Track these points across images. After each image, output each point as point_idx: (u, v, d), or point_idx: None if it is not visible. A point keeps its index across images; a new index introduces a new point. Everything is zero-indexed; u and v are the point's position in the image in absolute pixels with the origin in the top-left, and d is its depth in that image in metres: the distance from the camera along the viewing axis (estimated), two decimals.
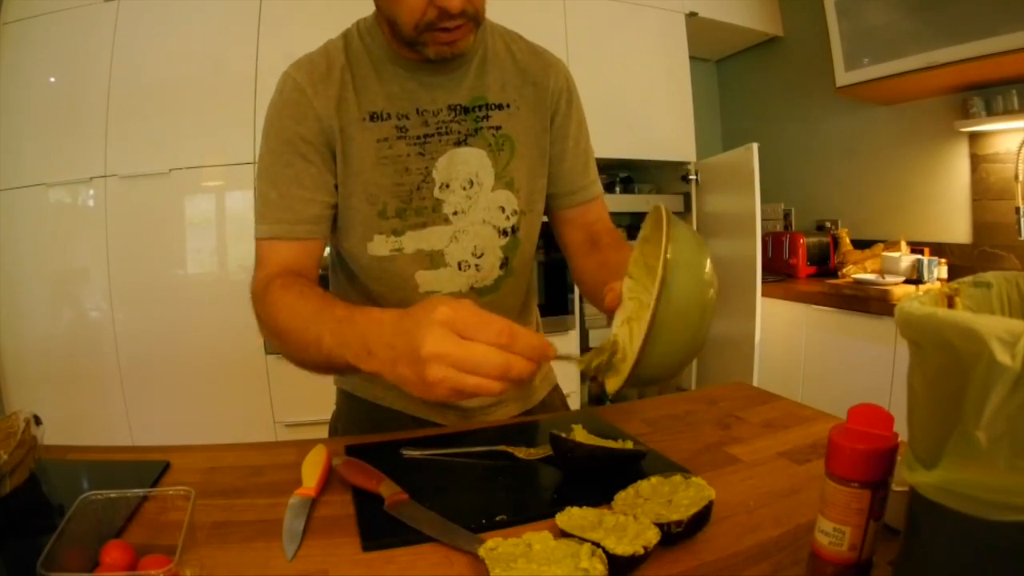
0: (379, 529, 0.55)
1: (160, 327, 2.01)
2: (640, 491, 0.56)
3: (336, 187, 0.79)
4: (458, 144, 0.80)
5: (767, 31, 2.87)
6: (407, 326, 0.53)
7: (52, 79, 2.00)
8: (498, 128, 0.83)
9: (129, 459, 0.73)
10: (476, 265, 0.84)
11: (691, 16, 2.60)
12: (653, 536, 0.48)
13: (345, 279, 0.89)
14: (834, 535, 0.43)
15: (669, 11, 2.57)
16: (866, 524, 0.43)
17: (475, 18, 0.71)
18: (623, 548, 0.46)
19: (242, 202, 2.04)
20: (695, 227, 2.60)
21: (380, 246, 0.80)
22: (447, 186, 0.81)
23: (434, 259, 0.82)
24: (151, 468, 0.68)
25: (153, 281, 2.02)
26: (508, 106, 0.83)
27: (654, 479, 0.58)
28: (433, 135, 0.79)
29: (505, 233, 0.85)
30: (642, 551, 0.46)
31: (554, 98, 0.87)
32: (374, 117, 0.77)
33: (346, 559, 0.51)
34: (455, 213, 0.82)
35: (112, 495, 0.53)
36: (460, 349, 0.50)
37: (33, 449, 0.65)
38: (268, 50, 2.00)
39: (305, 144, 0.76)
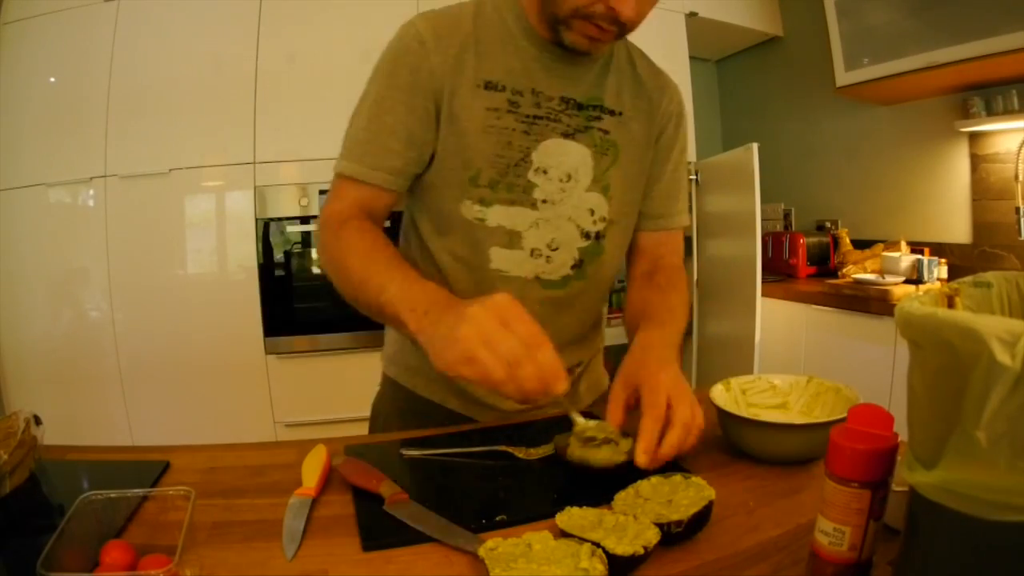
0: (379, 529, 0.54)
1: (160, 327, 2.02)
2: (640, 491, 0.56)
3: (432, 146, 0.79)
4: (566, 135, 0.80)
5: (767, 31, 2.87)
6: (464, 302, 0.60)
7: (52, 79, 2.00)
8: (607, 132, 0.82)
9: (129, 459, 0.73)
10: (548, 257, 0.83)
11: (691, 16, 2.60)
12: (653, 536, 0.48)
13: (417, 246, 0.87)
14: (834, 535, 0.43)
15: (669, 11, 2.57)
16: (866, 524, 0.43)
17: (624, 31, 0.73)
18: (623, 548, 0.46)
19: (242, 202, 2.04)
20: (695, 227, 2.61)
21: (466, 210, 0.80)
22: (544, 172, 0.80)
23: (512, 239, 0.81)
24: (151, 468, 0.68)
25: (153, 281, 2.02)
26: (621, 114, 0.83)
27: (654, 479, 0.58)
28: (543, 118, 0.79)
29: (588, 236, 0.84)
30: (642, 551, 0.46)
31: (664, 119, 0.88)
32: (488, 86, 0.77)
33: (346, 559, 0.51)
34: (544, 201, 0.81)
35: (112, 495, 0.53)
36: (493, 324, 0.56)
37: (33, 449, 0.65)
38: (268, 50, 2.00)
39: (412, 96, 0.76)
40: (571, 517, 0.52)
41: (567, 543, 0.48)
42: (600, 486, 0.59)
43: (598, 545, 0.47)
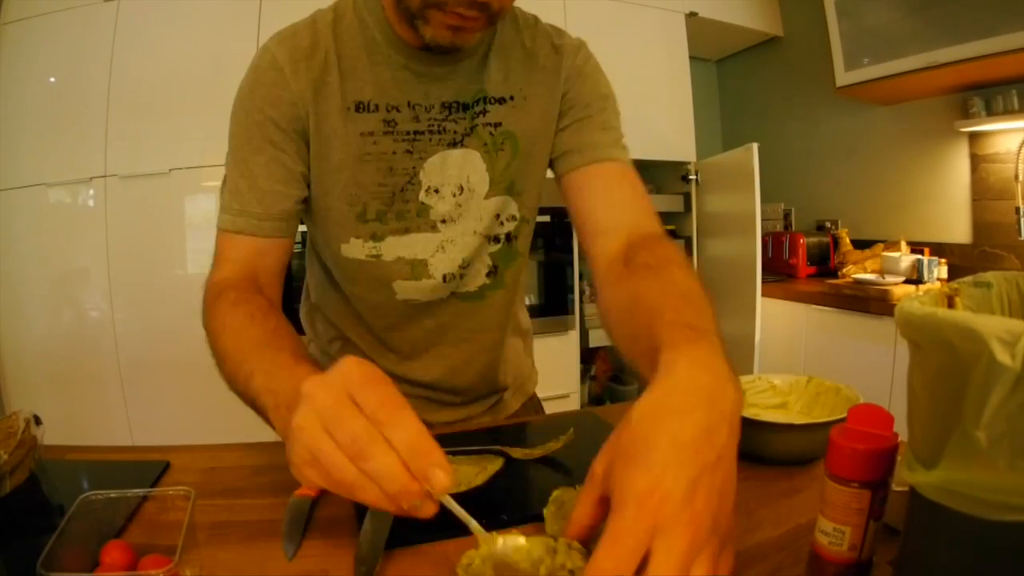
0: None
1: (160, 327, 2.01)
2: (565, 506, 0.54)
3: (309, 182, 0.71)
4: (452, 145, 0.72)
5: (767, 31, 2.87)
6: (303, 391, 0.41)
7: (52, 79, 2.00)
8: (497, 125, 0.73)
9: (129, 459, 0.73)
10: (461, 275, 0.78)
11: (691, 16, 2.60)
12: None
13: (321, 271, 0.83)
14: (834, 535, 0.43)
15: (669, 11, 2.57)
16: (866, 524, 0.43)
17: (493, 16, 0.62)
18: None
19: None
20: (695, 227, 2.60)
21: (356, 249, 0.74)
22: (436, 191, 0.73)
23: (416, 269, 0.76)
24: (151, 468, 0.68)
25: (153, 281, 2.02)
26: (511, 99, 0.74)
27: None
28: (424, 133, 0.71)
29: (497, 240, 0.79)
30: None
31: (567, 78, 0.76)
32: (360, 107, 0.69)
33: (346, 559, 0.51)
34: (443, 221, 0.75)
35: (112, 495, 0.53)
36: (333, 404, 0.39)
37: (33, 449, 0.65)
38: None
39: (278, 131, 0.68)
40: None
41: (542, 540, 0.47)
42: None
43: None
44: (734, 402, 0.39)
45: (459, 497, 0.44)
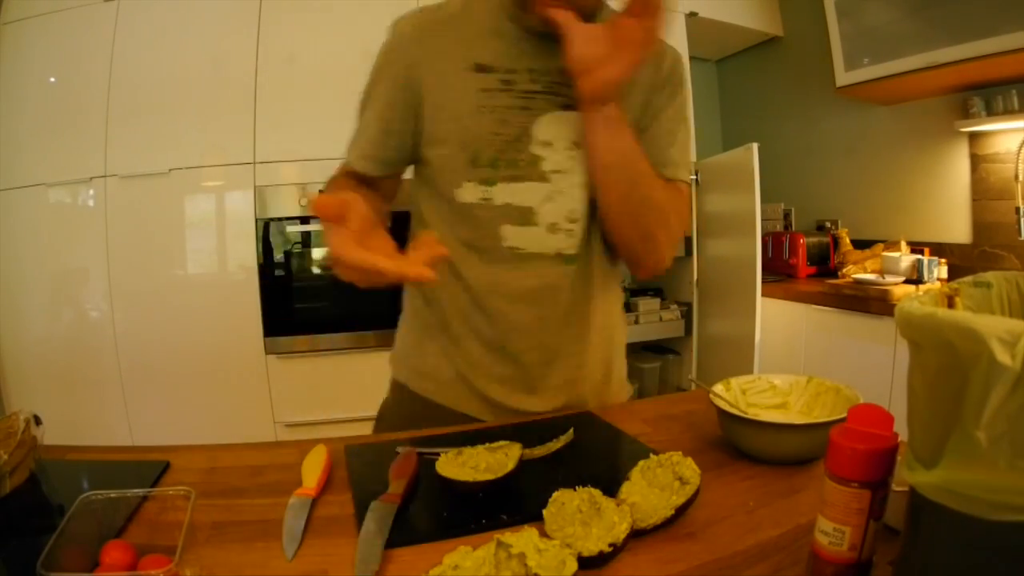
0: None
1: (160, 327, 2.02)
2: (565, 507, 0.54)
3: (414, 136, 0.81)
4: (566, 107, 0.79)
5: (767, 31, 2.87)
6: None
7: (52, 79, 2.00)
8: None
9: (129, 459, 0.73)
10: (568, 230, 0.82)
11: (691, 16, 2.60)
12: (624, 530, 0.49)
13: (432, 219, 0.86)
14: (834, 535, 0.43)
15: (669, 11, 2.56)
16: (866, 524, 0.43)
17: (583, 9, 0.71)
18: (590, 546, 0.47)
19: (242, 202, 2.04)
20: (695, 227, 2.61)
21: (468, 193, 0.80)
22: (550, 144, 0.79)
23: (524, 215, 0.80)
24: (151, 468, 0.68)
25: (153, 281, 2.02)
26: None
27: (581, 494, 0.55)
28: (540, 92, 0.78)
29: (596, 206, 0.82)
30: (609, 549, 0.48)
31: (662, 79, 0.84)
32: (480, 68, 0.78)
33: (346, 559, 0.51)
34: (556, 172, 0.80)
35: (112, 495, 0.53)
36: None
37: (33, 449, 0.65)
38: (268, 50, 2.00)
39: (391, 89, 0.80)
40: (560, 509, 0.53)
41: (504, 547, 0.47)
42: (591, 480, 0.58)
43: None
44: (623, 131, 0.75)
45: (489, 485, 0.58)
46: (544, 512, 0.53)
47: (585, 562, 0.47)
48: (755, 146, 2.21)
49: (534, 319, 0.84)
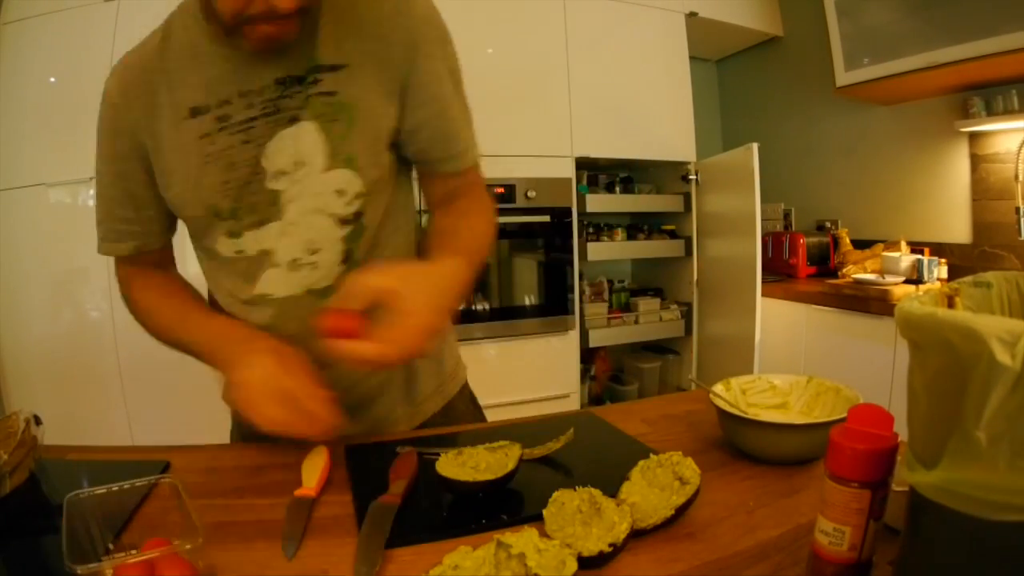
0: None
1: None
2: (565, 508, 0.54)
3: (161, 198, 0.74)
4: (291, 122, 0.69)
5: (767, 31, 2.87)
6: (235, 348, 0.68)
7: (52, 79, 1.99)
8: (332, 94, 0.69)
9: (129, 459, 0.73)
10: (312, 263, 0.73)
11: (691, 16, 2.60)
12: (624, 530, 0.49)
13: (217, 275, 0.80)
14: (834, 535, 0.43)
15: (669, 11, 2.57)
16: (866, 524, 0.43)
17: (304, 10, 0.61)
18: (590, 546, 0.48)
19: None
20: (695, 227, 2.61)
21: (224, 247, 0.74)
22: (285, 173, 0.70)
23: (266, 259, 0.73)
24: (151, 468, 0.68)
25: None
26: (345, 66, 0.70)
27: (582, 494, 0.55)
28: (258, 117, 0.68)
29: (346, 222, 0.73)
30: (609, 549, 0.48)
31: (405, 52, 0.72)
32: (194, 112, 0.68)
33: (346, 559, 0.51)
34: (290, 203, 0.71)
35: (99, 491, 0.53)
36: (256, 390, 0.63)
37: (33, 449, 0.65)
38: None
39: (123, 162, 0.72)
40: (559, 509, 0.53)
41: (503, 548, 0.47)
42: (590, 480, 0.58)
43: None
44: (446, 287, 0.66)
45: (489, 485, 0.58)
46: (544, 512, 0.53)
47: (585, 562, 0.47)
48: (755, 146, 2.21)
49: (314, 360, 0.70)
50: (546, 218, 2.26)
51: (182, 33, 0.69)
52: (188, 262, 0.87)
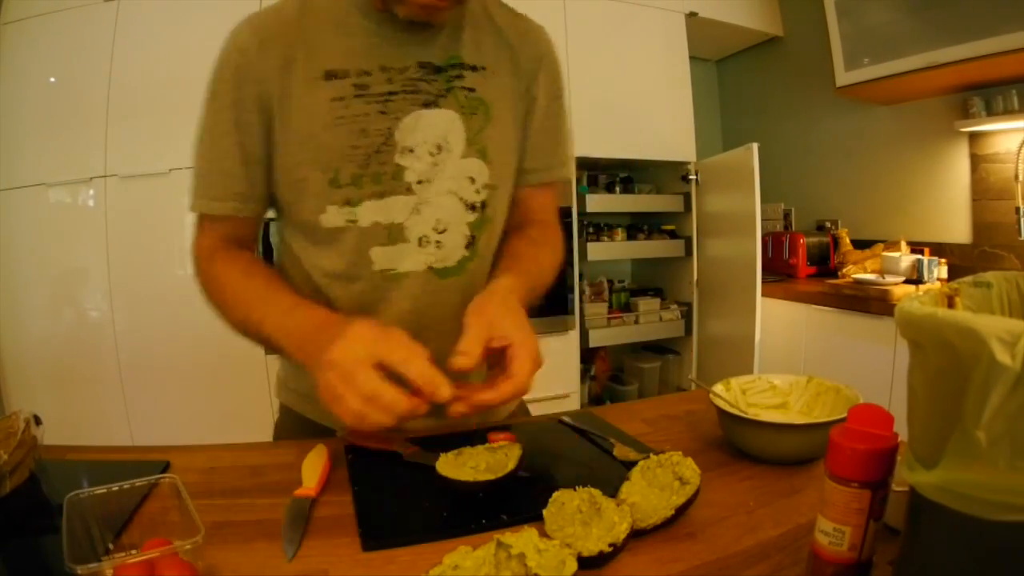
0: (379, 529, 0.55)
1: (160, 327, 2.01)
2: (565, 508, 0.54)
3: (273, 160, 0.74)
4: (427, 105, 0.73)
5: (767, 31, 2.87)
6: (329, 335, 0.60)
7: (52, 79, 1.99)
8: (472, 90, 0.76)
9: (129, 459, 0.73)
10: (437, 242, 0.76)
11: (691, 16, 2.60)
12: (624, 530, 0.50)
13: (291, 263, 0.81)
14: (834, 535, 0.43)
15: (669, 11, 2.57)
16: (866, 524, 0.43)
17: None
18: (590, 546, 0.48)
19: None
20: (695, 227, 2.61)
21: (334, 217, 0.73)
22: (411, 151, 0.73)
23: (392, 233, 0.74)
24: (151, 468, 0.67)
25: (153, 281, 2.02)
26: (484, 68, 0.77)
27: (581, 494, 0.55)
28: (398, 93, 0.72)
29: (473, 208, 0.77)
30: (609, 549, 0.48)
31: (531, 65, 0.81)
32: (329, 75, 0.70)
33: (346, 559, 0.51)
34: (419, 182, 0.74)
35: (98, 491, 0.53)
36: (351, 364, 0.57)
37: (33, 449, 0.65)
38: None
39: (244, 112, 0.71)
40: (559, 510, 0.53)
41: (503, 548, 0.47)
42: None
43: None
44: (518, 308, 0.69)
45: (489, 485, 0.58)
46: (544, 512, 0.53)
47: (585, 562, 0.47)
48: (755, 146, 2.21)
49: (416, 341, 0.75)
50: None
51: (322, 2, 0.72)
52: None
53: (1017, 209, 1.97)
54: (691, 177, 2.59)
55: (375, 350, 0.58)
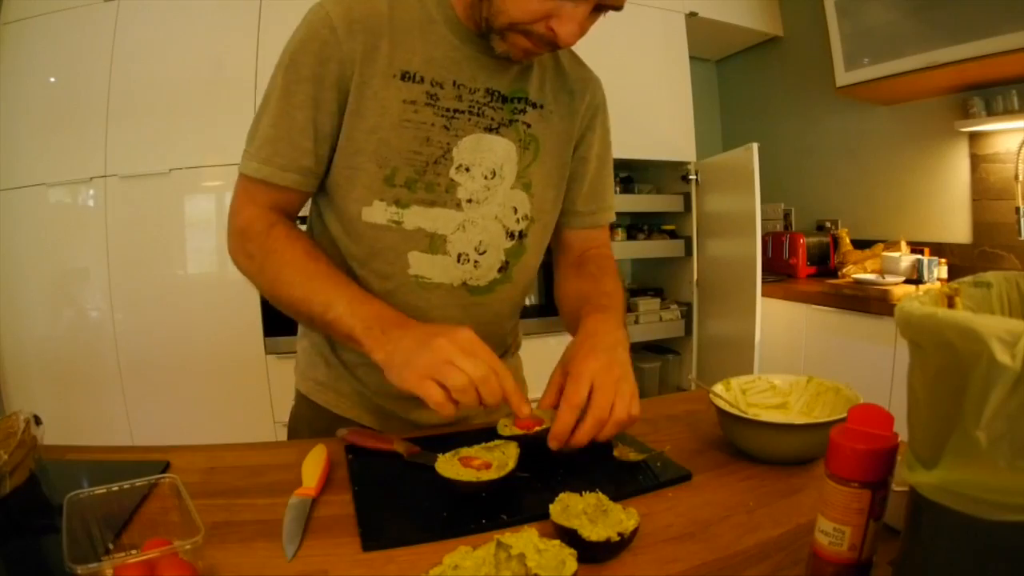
0: (379, 529, 0.55)
1: (160, 327, 2.01)
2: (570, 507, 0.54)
3: (337, 142, 0.74)
4: (489, 130, 0.76)
5: (767, 31, 2.87)
6: (423, 326, 0.66)
7: (52, 79, 2.00)
8: (529, 126, 0.79)
9: (129, 459, 0.73)
10: (476, 262, 0.79)
11: (691, 16, 2.60)
12: (631, 523, 0.50)
13: (327, 244, 0.81)
14: (834, 535, 0.43)
15: (669, 11, 2.57)
16: (866, 524, 0.43)
17: (558, 48, 0.71)
18: (597, 533, 0.48)
19: None
20: (695, 227, 2.61)
21: (378, 213, 0.74)
22: (467, 169, 0.76)
23: (434, 243, 0.76)
24: (151, 468, 0.67)
25: (153, 281, 2.02)
26: (543, 107, 0.81)
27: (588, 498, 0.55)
28: (464, 112, 0.74)
29: (512, 236, 0.81)
30: (617, 538, 0.48)
31: (588, 113, 0.86)
32: (406, 76, 0.72)
33: (346, 559, 0.51)
34: (469, 200, 0.77)
35: (98, 491, 0.53)
36: (456, 351, 0.60)
37: (33, 449, 0.65)
38: (268, 50, 2.00)
39: (323, 89, 0.71)
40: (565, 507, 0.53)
41: (503, 548, 0.47)
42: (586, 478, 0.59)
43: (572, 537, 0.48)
44: (621, 344, 0.70)
45: (490, 485, 0.58)
46: (551, 507, 0.53)
47: (589, 554, 0.47)
48: (755, 146, 2.21)
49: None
50: None
51: (415, 3, 0.73)
52: (197, 262, 0.86)
53: (1017, 209, 1.97)
54: (691, 177, 2.59)
55: (475, 350, 0.62)
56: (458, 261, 0.78)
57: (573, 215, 0.90)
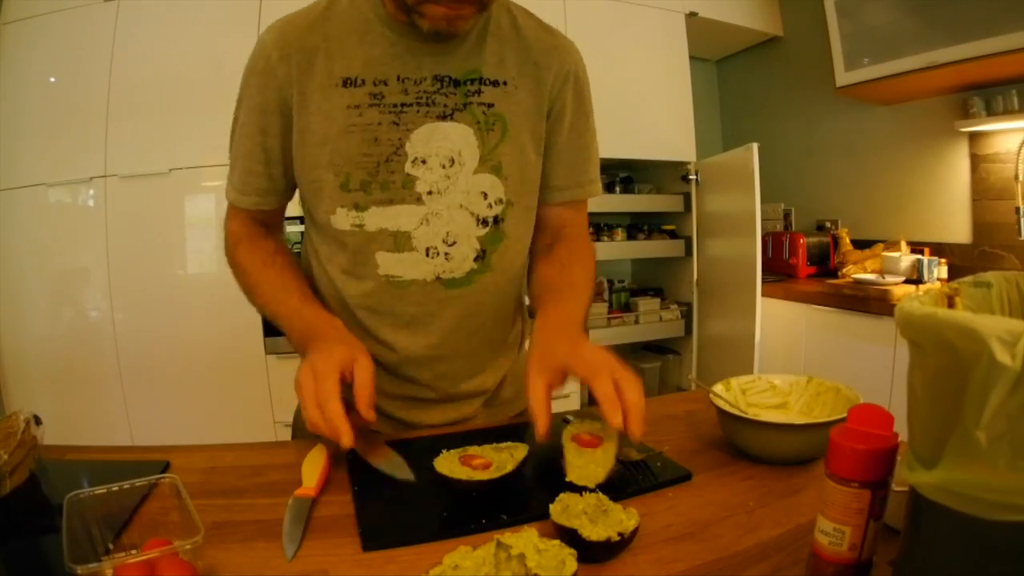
0: (379, 529, 0.55)
1: (160, 327, 2.01)
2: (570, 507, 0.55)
3: (291, 161, 0.78)
4: (442, 118, 0.74)
5: (767, 31, 2.87)
6: (315, 343, 0.68)
7: (52, 79, 2.00)
8: (490, 106, 0.76)
9: (129, 459, 0.73)
10: (446, 254, 0.78)
11: (691, 16, 2.60)
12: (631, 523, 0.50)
13: (312, 252, 0.84)
14: (834, 535, 0.43)
15: (669, 11, 2.57)
16: (866, 524, 0.43)
17: (484, 3, 0.68)
18: (598, 533, 0.48)
19: None
20: (695, 227, 2.61)
21: (342, 219, 0.76)
22: (423, 162, 0.75)
23: (399, 240, 0.76)
24: (151, 468, 0.67)
25: (153, 281, 2.02)
26: (505, 83, 0.77)
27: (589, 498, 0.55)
28: (412, 105, 0.74)
29: (485, 223, 0.79)
30: (617, 537, 0.48)
31: (557, 82, 0.81)
32: (347, 83, 0.73)
33: (346, 559, 0.51)
34: (429, 193, 0.75)
35: (98, 491, 0.53)
36: (323, 368, 0.63)
37: (33, 449, 0.65)
38: None
39: (266, 115, 0.76)
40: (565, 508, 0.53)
41: (502, 548, 0.47)
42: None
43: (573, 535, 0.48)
44: (581, 334, 0.72)
45: (490, 485, 0.59)
46: (551, 507, 0.53)
47: (589, 554, 0.47)
48: (755, 146, 2.21)
49: (421, 346, 0.81)
50: None
51: (350, 7, 0.75)
52: (197, 262, 0.87)
53: (1017, 209, 1.97)
54: (691, 177, 2.59)
55: (342, 366, 0.64)
56: (427, 255, 0.78)
57: (547, 190, 0.85)
